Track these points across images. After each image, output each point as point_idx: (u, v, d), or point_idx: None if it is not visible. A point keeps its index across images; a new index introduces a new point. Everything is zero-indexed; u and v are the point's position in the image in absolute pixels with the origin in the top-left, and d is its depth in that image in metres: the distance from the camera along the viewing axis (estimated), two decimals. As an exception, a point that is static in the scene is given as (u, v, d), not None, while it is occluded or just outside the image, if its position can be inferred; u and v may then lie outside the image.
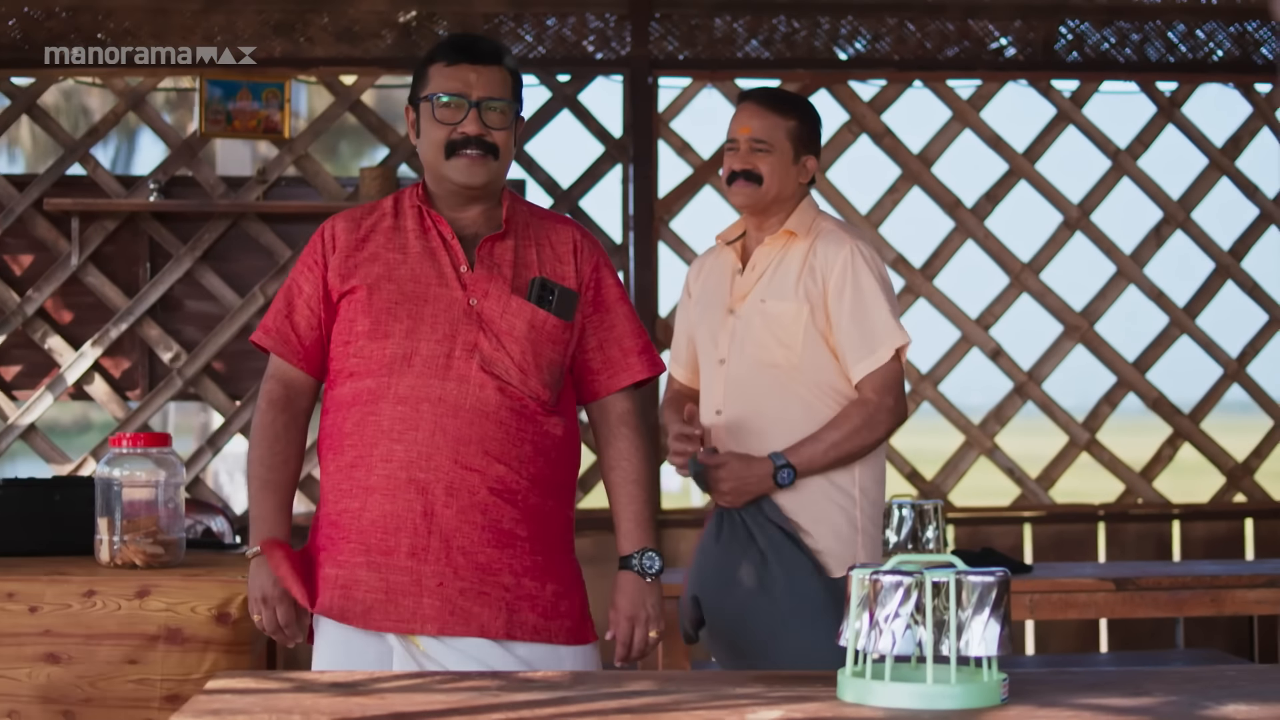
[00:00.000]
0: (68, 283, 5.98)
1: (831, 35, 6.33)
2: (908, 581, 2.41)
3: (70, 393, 6.03)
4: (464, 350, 3.13)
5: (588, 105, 6.22)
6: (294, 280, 3.29)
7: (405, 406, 3.11)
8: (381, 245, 3.22)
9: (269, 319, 3.29)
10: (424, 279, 3.18)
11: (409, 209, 3.27)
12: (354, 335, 3.17)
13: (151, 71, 6.02)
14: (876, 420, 3.73)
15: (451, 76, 3.19)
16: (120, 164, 17.82)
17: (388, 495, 3.11)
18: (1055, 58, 6.40)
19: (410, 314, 3.15)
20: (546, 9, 6.17)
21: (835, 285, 3.76)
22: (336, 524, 3.16)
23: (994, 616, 2.41)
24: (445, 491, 3.10)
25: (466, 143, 3.15)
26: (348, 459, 3.15)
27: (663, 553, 3.30)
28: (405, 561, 3.10)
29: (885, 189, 6.35)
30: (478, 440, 3.12)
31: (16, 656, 3.85)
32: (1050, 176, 6.37)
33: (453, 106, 3.17)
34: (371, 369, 3.14)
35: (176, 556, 4.10)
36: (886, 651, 2.41)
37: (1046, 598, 4.61)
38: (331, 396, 3.24)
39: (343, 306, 3.20)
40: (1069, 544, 6.32)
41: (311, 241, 3.29)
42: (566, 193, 6.18)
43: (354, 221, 3.27)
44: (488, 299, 3.17)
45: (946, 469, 6.35)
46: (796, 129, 3.88)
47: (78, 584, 3.89)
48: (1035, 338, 6.41)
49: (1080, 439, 6.39)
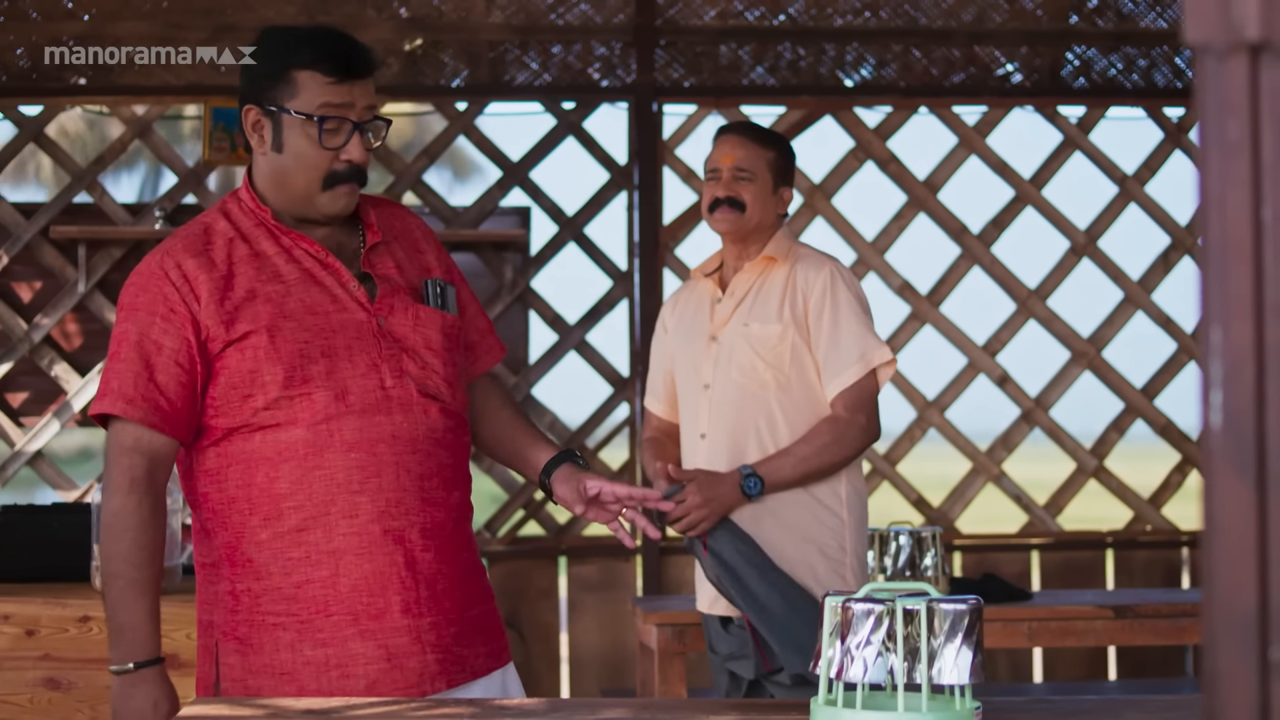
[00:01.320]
0: (74, 310, 6.01)
1: (837, 62, 6.34)
2: (879, 609, 2.40)
3: (76, 419, 6.05)
4: (393, 377, 2.77)
5: (593, 132, 6.24)
6: (143, 336, 2.73)
7: (359, 453, 2.73)
8: (252, 278, 2.76)
9: (124, 385, 2.72)
10: (319, 308, 2.76)
11: (254, 229, 2.82)
12: (260, 387, 2.72)
13: (158, 99, 6.06)
14: (846, 438, 3.76)
15: (334, 93, 2.75)
16: (148, 193, 18.00)
17: (363, 555, 2.73)
18: (1062, 84, 6.39)
19: (323, 350, 2.74)
20: (552, 36, 6.18)
21: (815, 304, 3.82)
22: (299, 599, 2.73)
23: (966, 644, 2.40)
24: (421, 535, 2.77)
25: (349, 175, 2.79)
26: (292, 523, 2.72)
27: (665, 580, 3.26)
28: (400, 620, 2.75)
29: (891, 215, 6.34)
30: (437, 471, 2.80)
31: (18, 680, 3.87)
32: (1057, 202, 6.35)
33: (337, 131, 2.77)
34: (297, 419, 2.72)
35: (173, 583, 4.11)
36: (858, 679, 2.40)
37: (1045, 625, 4.59)
38: (230, 454, 2.75)
39: (229, 357, 2.72)
40: (1077, 571, 6.29)
41: (150, 288, 2.75)
42: (571, 220, 6.19)
43: (201, 256, 2.75)
44: (394, 314, 2.81)
45: (953, 496, 6.33)
46: (776, 160, 3.99)
47: (74, 609, 3.91)
48: (1042, 364, 6.40)
49: (1088, 465, 6.37)
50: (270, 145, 2.80)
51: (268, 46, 2.82)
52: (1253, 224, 1.16)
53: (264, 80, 2.78)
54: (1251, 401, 1.17)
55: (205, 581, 2.83)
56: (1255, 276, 1.16)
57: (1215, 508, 1.17)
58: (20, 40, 5.98)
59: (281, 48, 2.80)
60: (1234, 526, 1.17)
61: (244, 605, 2.76)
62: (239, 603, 2.77)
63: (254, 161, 2.86)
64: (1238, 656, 1.16)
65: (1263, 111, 1.16)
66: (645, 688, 4.83)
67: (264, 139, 2.80)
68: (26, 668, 3.86)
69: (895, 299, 6.33)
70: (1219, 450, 1.17)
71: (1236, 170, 1.16)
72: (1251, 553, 1.16)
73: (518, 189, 6.20)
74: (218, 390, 2.74)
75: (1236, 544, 1.17)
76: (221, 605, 2.79)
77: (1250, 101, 1.17)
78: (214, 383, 2.74)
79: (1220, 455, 1.17)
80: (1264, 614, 1.16)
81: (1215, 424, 1.17)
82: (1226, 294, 1.17)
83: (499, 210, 6.21)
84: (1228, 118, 1.17)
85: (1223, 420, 1.17)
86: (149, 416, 2.71)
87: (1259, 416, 1.16)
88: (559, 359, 6.19)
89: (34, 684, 3.85)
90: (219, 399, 2.74)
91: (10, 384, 6.04)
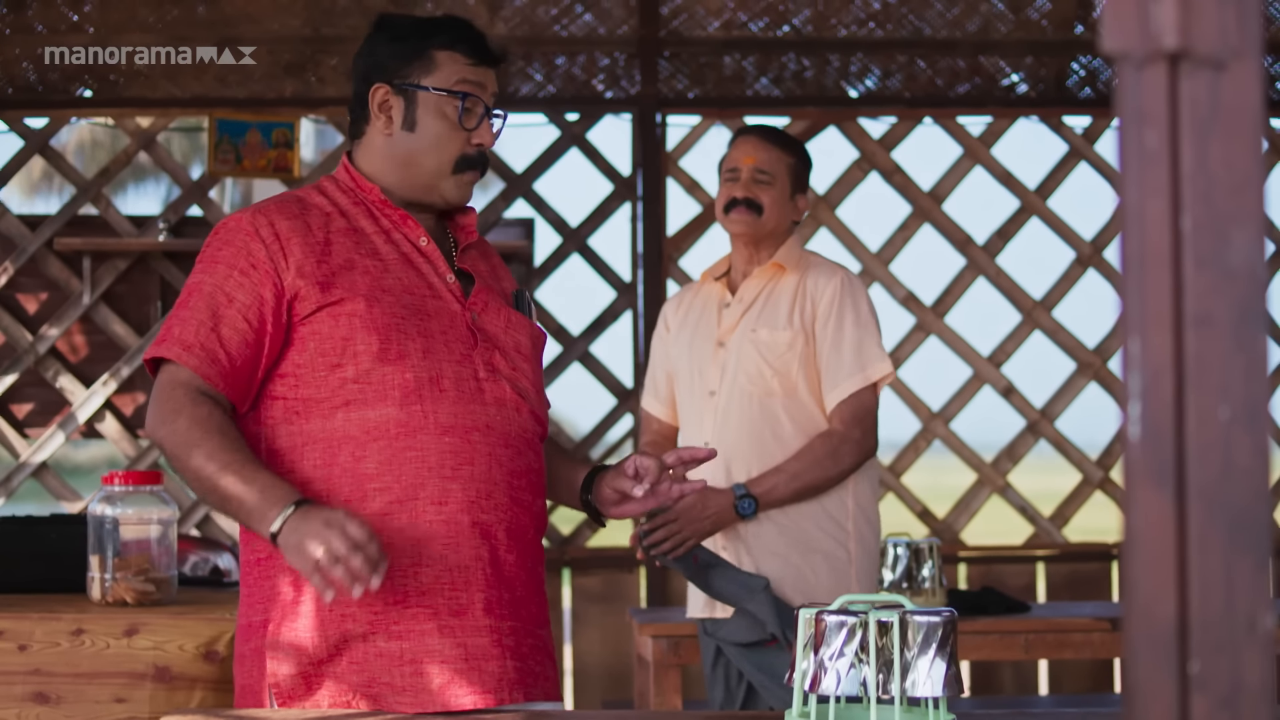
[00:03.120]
0: (79, 321, 6.03)
1: (841, 72, 6.33)
2: (852, 621, 2.39)
3: (82, 431, 6.07)
4: (487, 371, 2.68)
5: (596, 144, 6.24)
6: (217, 288, 2.62)
7: (453, 438, 2.60)
8: (350, 250, 2.68)
9: (185, 332, 2.60)
10: (416, 289, 2.68)
11: (353, 207, 2.75)
12: (352, 356, 2.59)
13: (163, 112, 6.08)
14: (841, 452, 3.71)
15: (473, 74, 2.74)
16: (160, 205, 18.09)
17: (450, 544, 2.60)
18: (1067, 94, 6.37)
19: (420, 330, 2.63)
20: (556, 48, 6.19)
21: (823, 311, 3.77)
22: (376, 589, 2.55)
23: (940, 656, 2.39)
24: (507, 534, 2.65)
25: (479, 160, 2.76)
26: (377, 505, 2.58)
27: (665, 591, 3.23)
28: (483, 619, 2.61)
29: (896, 226, 6.33)
30: (525, 472, 2.70)
31: (6, 696, 3.86)
32: (1062, 213, 6.33)
33: (472, 111, 2.74)
34: (388, 396, 2.59)
35: (168, 594, 4.11)
36: (832, 691, 2.39)
37: (1042, 638, 4.57)
38: (308, 433, 2.62)
39: (320, 321, 2.61)
40: (1083, 583, 6.26)
41: (235, 241, 2.65)
42: (575, 231, 6.19)
43: (297, 220, 2.67)
44: (487, 312, 2.74)
45: (958, 507, 6.31)
46: (795, 166, 3.93)
47: (67, 622, 3.90)
48: (1048, 375, 6.37)
49: (1094, 477, 6.34)
50: (400, 124, 2.74)
51: (399, 28, 2.78)
52: (1171, 234, 1.16)
53: (398, 60, 2.74)
54: (1170, 413, 1.16)
55: (259, 579, 2.67)
56: (1174, 287, 1.16)
57: (1134, 520, 1.17)
58: (26, 53, 6.00)
59: (417, 29, 2.76)
60: (1153, 538, 1.16)
61: (307, 595, 2.59)
62: (303, 593, 2.60)
63: (365, 143, 2.80)
64: (1157, 669, 1.16)
65: (1181, 121, 1.16)
66: (642, 700, 4.83)
67: (392, 119, 2.75)
68: (15, 682, 3.85)
69: (900, 310, 6.31)
70: (1138, 462, 1.16)
71: (1155, 179, 1.16)
72: (1170, 565, 1.16)
73: (521, 200, 6.21)
74: (304, 357, 2.62)
75: (1155, 556, 1.16)
76: (278, 602, 2.62)
77: (1169, 110, 1.16)
78: (299, 349, 2.62)
79: (1139, 467, 1.16)
80: (1183, 627, 1.15)
81: (1134, 436, 1.17)
82: (1145, 305, 1.16)
83: (503, 222, 6.21)
84: (1146, 127, 1.16)
85: (1141, 432, 1.16)
86: (204, 367, 2.58)
87: (1178, 428, 1.16)
88: (563, 370, 6.18)
89: (22, 699, 3.85)
90: (305, 366, 2.62)
91: (15, 395, 6.05)
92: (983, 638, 4.52)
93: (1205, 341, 1.15)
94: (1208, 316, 1.15)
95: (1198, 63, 1.15)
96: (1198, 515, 1.15)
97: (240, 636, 2.73)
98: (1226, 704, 1.14)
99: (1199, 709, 1.14)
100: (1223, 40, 1.14)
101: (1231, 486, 1.14)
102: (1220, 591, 1.14)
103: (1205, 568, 1.15)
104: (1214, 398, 1.15)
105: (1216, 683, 1.14)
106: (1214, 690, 1.14)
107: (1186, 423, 1.16)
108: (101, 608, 4.00)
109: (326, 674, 2.59)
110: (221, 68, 6.04)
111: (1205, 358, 1.15)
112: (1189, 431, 1.15)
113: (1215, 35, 1.14)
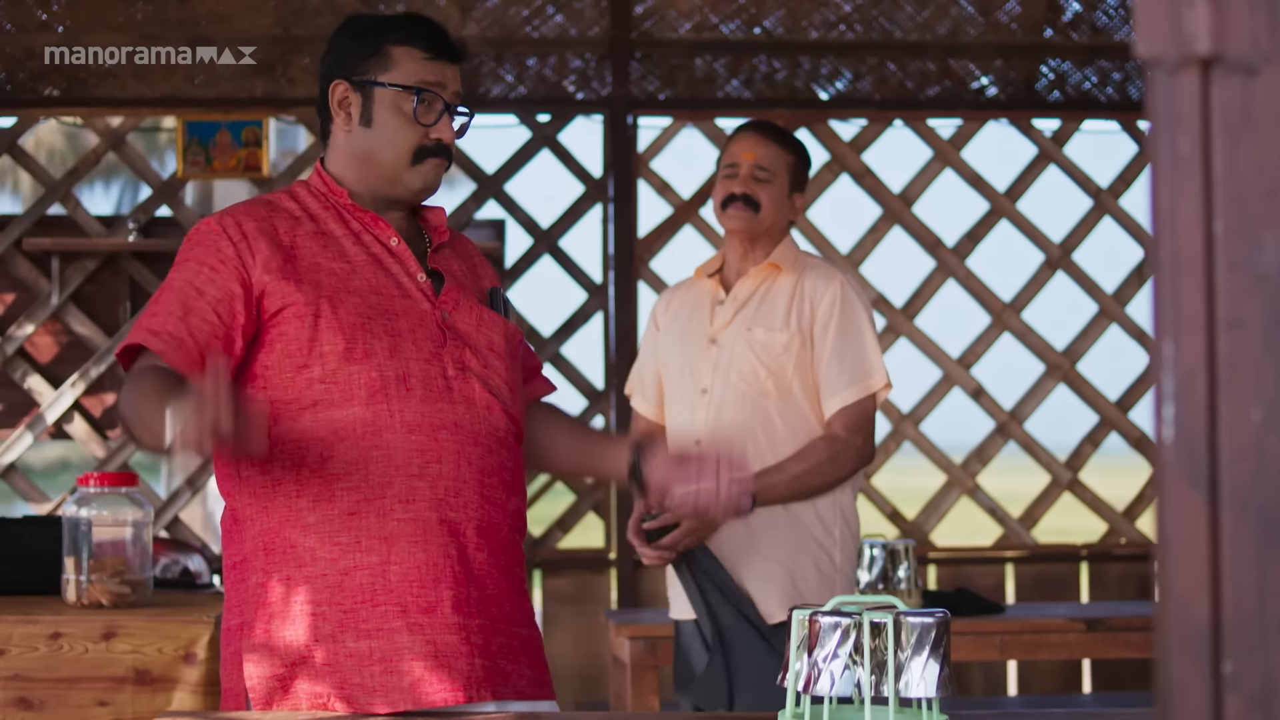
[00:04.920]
0: (48, 322, 5.99)
1: (812, 75, 6.34)
2: (846, 622, 2.40)
3: (50, 432, 6.03)
4: (456, 369, 2.68)
5: (567, 145, 6.24)
6: (187, 283, 2.63)
7: (420, 435, 2.62)
8: (317, 253, 2.69)
9: (153, 322, 2.61)
10: (384, 290, 2.69)
11: (323, 211, 2.76)
12: (318, 357, 2.61)
13: (132, 111, 6.05)
14: (842, 458, 3.71)
15: (429, 69, 2.74)
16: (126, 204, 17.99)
17: (417, 542, 2.60)
18: (1036, 97, 6.40)
19: (387, 330, 2.64)
20: (527, 49, 6.19)
21: (822, 316, 3.75)
22: (344, 587, 2.60)
23: (933, 657, 2.40)
24: (476, 532, 2.65)
25: (438, 150, 2.74)
26: (344, 505, 2.60)
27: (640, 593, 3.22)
28: (451, 616, 2.61)
29: (866, 228, 6.34)
30: (497, 470, 2.69)
31: (-11, 703, 3.85)
32: (1032, 216, 6.36)
33: (430, 108, 2.73)
34: (354, 396, 2.60)
35: (144, 596, 4.09)
36: (825, 692, 2.40)
37: (1017, 638, 4.59)
38: (278, 434, 2.62)
39: (287, 322, 2.63)
40: (1051, 584, 6.29)
41: (204, 242, 2.66)
42: (546, 232, 6.18)
43: (264, 222, 2.69)
44: (458, 311, 2.75)
45: (928, 509, 6.33)
46: (795, 164, 3.91)
47: (44, 625, 3.88)
48: (1017, 377, 6.40)
49: (1063, 479, 6.37)
50: (358, 120, 2.76)
51: (359, 26, 2.79)
52: (1204, 238, 1.16)
53: (355, 56, 2.75)
54: (1203, 415, 1.17)
55: (236, 582, 2.69)
56: (1206, 290, 1.17)
57: (1168, 520, 1.18)
58: (-6, 52, 5.97)
59: (375, 26, 2.77)
60: (1186, 539, 1.17)
61: (278, 595, 2.62)
62: (271, 594, 2.62)
63: (331, 144, 2.81)
64: (1191, 669, 1.16)
65: (1214, 125, 1.17)
66: (618, 701, 4.82)
67: (351, 115, 2.76)
68: (-3, 688, 3.84)
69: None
70: (1171, 463, 1.17)
71: (1187, 184, 1.17)
72: (1204, 565, 1.16)
73: (492, 201, 6.20)
74: (272, 359, 2.63)
75: (1189, 556, 1.17)
76: (252, 600, 2.65)
77: (1201, 115, 1.17)
78: (268, 350, 2.64)
79: (1172, 468, 1.17)
80: (1217, 627, 1.16)
81: (1167, 437, 1.18)
82: (1178, 308, 1.17)
83: (473, 223, 6.21)
84: (1179, 132, 1.17)
85: (1175, 433, 1.17)
86: (171, 352, 2.57)
87: (1210, 429, 1.17)
88: (534, 372, 6.16)
89: (4, 705, 3.83)
90: (272, 368, 2.63)
91: (-17, 396, 6.02)
92: (958, 638, 4.53)
93: (1237, 344, 1.16)
94: (1240, 320, 1.16)
95: (1230, 68, 1.16)
96: (1231, 516, 1.16)
97: (223, 640, 2.73)
98: (1259, 704, 1.15)
99: (1232, 709, 1.15)
100: (1255, 45, 1.15)
101: (1264, 488, 1.15)
102: (1253, 592, 1.15)
103: (1238, 568, 1.16)
104: (1246, 400, 1.16)
105: (1249, 682, 1.15)
106: (1247, 690, 1.15)
107: (1219, 425, 1.16)
108: (78, 610, 3.98)
109: (300, 675, 2.60)
110: (190, 68, 6.02)
111: (1237, 360, 1.16)
112: (1221, 433, 1.16)
113: (1247, 40, 1.15)
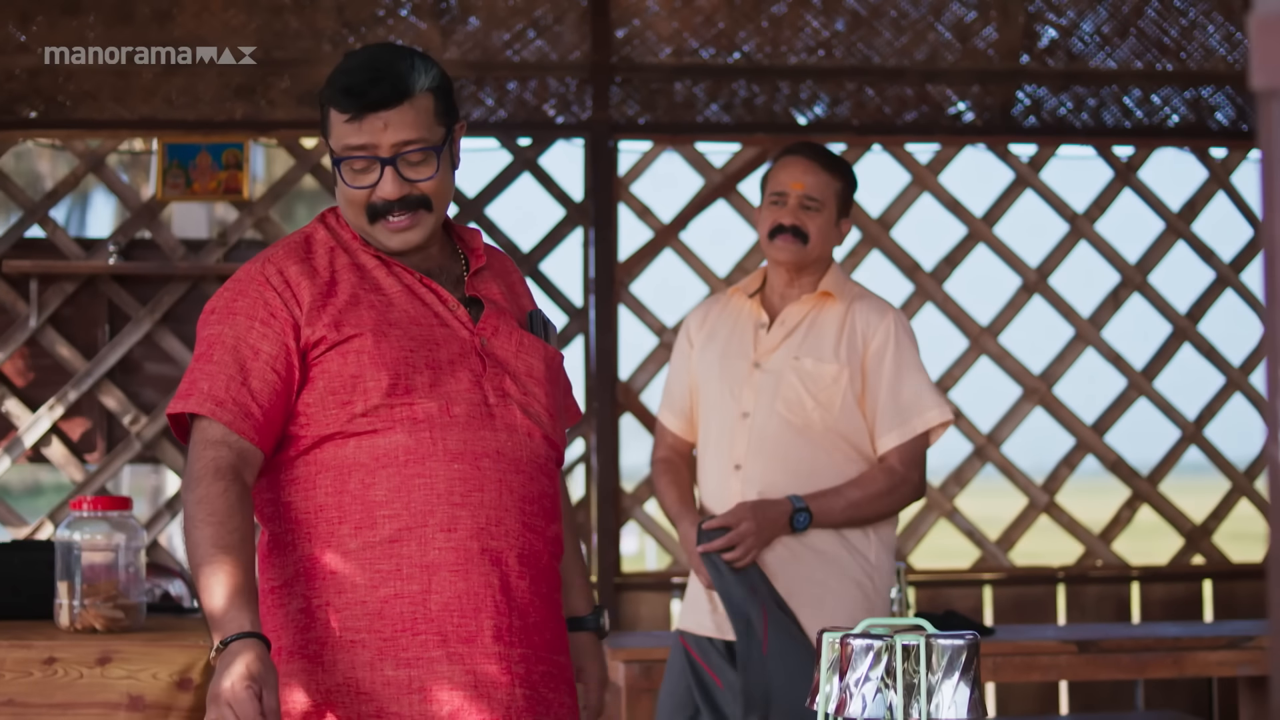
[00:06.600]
0: (26, 345, 5.95)
1: (791, 99, 6.37)
2: (878, 645, 2.41)
3: (28, 455, 5.99)
4: (497, 396, 2.66)
5: (548, 169, 6.24)
6: (240, 339, 2.62)
7: (463, 464, 2.60)
8: (355, 285, 2.67)
9: (215, 386, 2.60)
10: (422, 320, 2.67)
11: (352, 241, 2.74)
12: (361, 393, 2.60)
13: (112, 133, 6.02)
14: (900, 492, 3.72)
15: (351, 132, 2.64)
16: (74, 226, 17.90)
17: (458, 571, 2.59)
18: (1013, 122, 6.45)
19: (428, 361, 2.63)
20: (507, 73, 6.19)
21: (875, 351, 3.72)
22: (384, 615, 2.59)
23: (964, 680, 2.41)
24: (518, 561, 2.63)
25: (389, 208, 2.65)
26: (385, 533, 2.59)
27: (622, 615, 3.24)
28: (492, 646, 2.59)
29: (845, 253, 6.37)
30: (537, 498, 2.67)
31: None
32: (1009, 240, 6.40)
33: (366, 170, 2.65)
34: (397, 425, 2.60)
35: (137, 621, 4.06)
36: (857, 716, 2.40)
37: (1009, 660, 4.61)
38: (321, 461, 2.63)
39: (330, 360, 2.61)
40: (1029, 606, 6.32)
41: (249, 292, 2.66)
42: (527, 256, 6.18)
43: (304, 263, 2.67)
44: (497, 337, 2.72)
45: (906, 531, 6.35)
46: (842, 190, 3.85)
47: (38, 650, 3.85)
48: (994, 400, 6.44)
49: (1039, 501, 6.41)
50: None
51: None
52: (1316, 264, 1.18)
53: (321, 119, 2.72)
54: (1316, 439, 1.18)
55: (275, 606, 2.68)
56: (1318, 316, 1.18)
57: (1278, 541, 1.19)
58: (-29, 73, 5.94)
59: (325, 83, 2.71)
60: (1300, 562, 1.18)
61: (318, 621, 2.61)
62: (313, 619, 2.62)
63: None
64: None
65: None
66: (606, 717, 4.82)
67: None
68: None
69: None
70: None
71: (1301, 212, 1.18)
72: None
73: (473, 225, 6.19)
74: (314, 396, 2.63)
75: (1303, 579, 1.18)
76: (291, 625, 2.64)
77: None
78: (310, 387, 2.63)
79: (1285, 492, 1.18)
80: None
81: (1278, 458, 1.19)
82: (1291, 333, 1.19)
83: (454, 246, 6.19)
84: (1292, 161, 1.18)
85: (1288, 457, 1.19)
86: (238, 422, 2.58)
87: (1324, 454, 1.18)
88: (514, 395, 6.16)
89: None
90: (314, 405, 2.63)
91: (-41, 420, 5.97)
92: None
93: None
94: (1350, 345, 1.17)
95: (1341, 98, 1.17)
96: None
97: None
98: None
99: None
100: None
101: (1376, 511, 1.16)
102: (1367, 614, 1.17)
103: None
104: (1358, 424, 1.17)
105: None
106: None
107: (1332, 449, 1.18)
108: (71, 635, 3.95)
109: (338, 702, 2.59)
110: (169, 90, 5.99)
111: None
112: (1333, 457, 1.18)
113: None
